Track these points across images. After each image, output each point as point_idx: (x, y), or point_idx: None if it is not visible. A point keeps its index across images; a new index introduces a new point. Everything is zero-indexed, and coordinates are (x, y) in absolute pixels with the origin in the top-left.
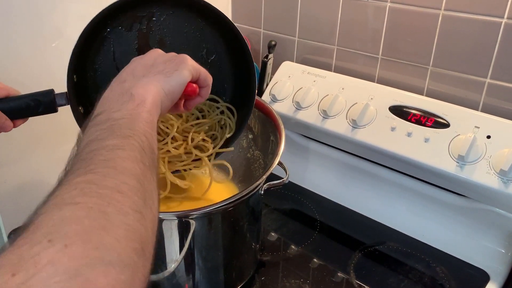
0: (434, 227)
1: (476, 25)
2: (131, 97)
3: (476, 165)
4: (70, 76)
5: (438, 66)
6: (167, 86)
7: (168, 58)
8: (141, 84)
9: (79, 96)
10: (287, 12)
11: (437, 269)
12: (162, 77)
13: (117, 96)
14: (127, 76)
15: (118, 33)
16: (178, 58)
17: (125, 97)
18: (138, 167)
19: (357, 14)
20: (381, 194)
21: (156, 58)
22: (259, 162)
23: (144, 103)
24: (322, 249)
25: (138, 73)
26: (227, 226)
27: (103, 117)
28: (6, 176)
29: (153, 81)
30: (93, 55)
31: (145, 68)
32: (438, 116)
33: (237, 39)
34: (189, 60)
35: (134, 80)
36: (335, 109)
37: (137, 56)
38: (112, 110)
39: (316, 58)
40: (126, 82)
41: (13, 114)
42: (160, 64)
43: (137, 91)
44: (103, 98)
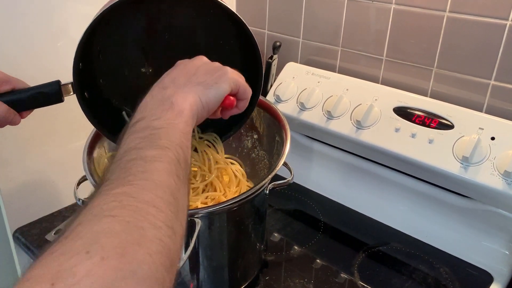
0: (437, 228)
1: (481, 27)
2: (171, 105)
3: (480, 166)
4: (76, 65)
5: (443, 67)
6: (205, 97)
7: (211, 68)
8: (181, 93)
9: (84, 82)
10: (292, 13)
11: (440, 270)
12: (202, 88)
13: (158, 103)
14: (169, 83)
15: (124, 18)
16: (221, 70)
17: (166, 105)
18: (173, 180)
19: (362, 15)
20: (385, 195)
21: (199, 67)
22: (264, 162)
23: (183, 113)
24: (326, 249)
25: (179, 81)
26: (232, 225)
27: (143, 124)
28: (12, 175)
29: (192, 91)
30: (100, 40)
31: (186, 76)
32: (442, 117)
33: (246, 36)
34: (230, 73)
35: (175, 88)
36: (340, 110)
37: (183, 60)
38: (152, 118)
39: (321, 59)
40: (167, 89)
41: (20, 106)
42: (201, 75)
43: (177, 100)
44: (144, 103)
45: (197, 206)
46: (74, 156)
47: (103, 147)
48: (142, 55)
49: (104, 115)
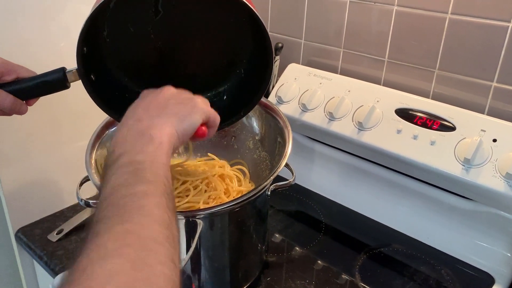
0: (439, 229)
1: (483, 29)
2: (151, 138)
3: (482, 168)
4: (80, 49)
5: (444, 69)
6: (180, 129)
7: (181, 100)
8: (158, 125)
9: (90, 66)
10: (294, 15)
11: (442, 271)
12: (176, 120)
13: (137, 136)
14: (142, 115)
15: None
16: (191, 101)
17: (145, 138)
18: (166, 214)
19: (364, 17)
20: (386, 196)
21: (169, 99)
22: (265, 163)
23: (163, 145)
24: (327, 251)
25: (152, 113)
26: (234, 226)
27: (126, 159)
28: (14, 174)
29: (168, 123)
30: (104, 26)
31: (158, 108)
32: (444, 119)
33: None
34: (200, 104)
35: (150, 120)
36: (341, 111)
37: (149, 91)
38: (134, 152)
39: (322, 60)
40: (142, 121)
41: (26, 95)
42: (173, 106)
43: (155, 132)
44: (122, 137)
45: (199, 207)
46: (76, 156)
47: (105, 147)
48: (150, 34)
49: (112, 98)
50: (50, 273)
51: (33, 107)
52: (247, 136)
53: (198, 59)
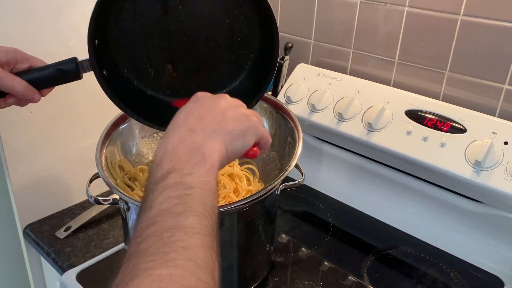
0: (448, 232)
1: (495, 30)
2: (203, 158)
3: (493, 171)
4: (90, 42)
5: (455, 71)
6: (231, 149)
7: (238, 116)
8: (211, 142)
9: (102, 59)
10: (304, 15)
11: (450, 274)
12: (230, 139)
13: (188, 152)
14: (196, 125)
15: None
16: (248, 120)
17: (197, 156)
18: (211, 256)
19: (374, 17)
20: (395, 198)
21: (226, 111)
22: (275, 163)
23: (213, 168)
24: (334, 252)
25: (208, 127)
26: (242, 226)
27: (175, 179)
28: (23, 171)
29: (220, 140)
30: (114, 17)
31: (214, 121)
32: (454, 121)
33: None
34: (255, 123)
35: (204, 134)
36: (351, 112)
37: (203, 94)
38: (183, 171)
39: (332, 60)
40: (196, 133)
41: (39, 84)
42: (230, 122)
43: (207, 151)
44: (173, 148)
45: None
46: (85, 154)
47: (116, 145)
48: (158, 32)
49: (124, 93)
50: (58, 270)
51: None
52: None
53: (206, 56)
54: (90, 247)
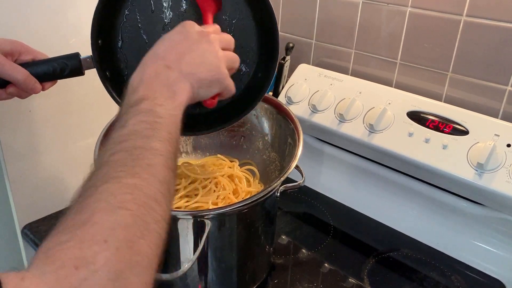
0: (449, 235)
1: (498, 31)
2: (174, 95)
3: (495, 173)
4: (94, 40)
5: (458, 72)
6: (196, 94)
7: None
8: (183, 82)
9: (106, 60)
10: (305, 15)
11: (452, 277)
12: (198, 85)
13: (161, 86)
14: (173, 63)
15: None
16: (219, 73)
17: (169, 92)
18: (169, 175)
19: (376, 18)
20: (396, 200)
21: (204, 55)
22: (275, 164)
23: (181, 105)
24: (335, 254)
25: (184, 68)
26: (242, 227)
27: (147, 106)
28: (22, 171)
29: (191, 85)
30: (118, 20)
31: (191, 64)
32: (457, 123)
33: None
34: (225, 78)
35: (179, 74)
36: (352, 113)
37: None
38: (155, 101)
39: (333, 61)
40: (171, 70)
41: (41, 77)
42: (204, 69)
43: (178, 89)
44: (149, 78)
45: (208, 207)
46: (84, 153)
47: None
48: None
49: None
50: None
51: (42, 103)
52: (257, 136)
53: None
54: None
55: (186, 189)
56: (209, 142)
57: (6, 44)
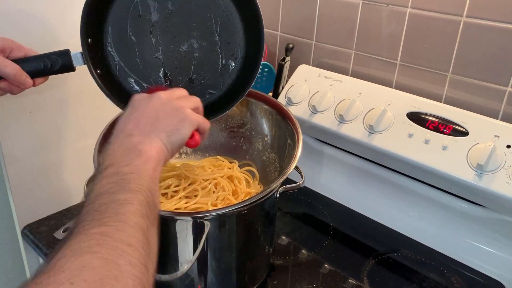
0: (449, 236)
1: (498, 32)
2: (139, 153)
3: (495, 174)
4: (83, 39)
5: (458, 73)
6: (169, 144)
7: (170, 111)
8: (148, 141)
9: (97, 57)
10: (305, 15)
11: (452, 279)
12: (165, 135)
13: (126, 151)
14: (133, 130)
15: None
16: (180, 114)
17: (134, 152)
18: (144, 222)
19: (376, 18)
20: (396, 201)
21: (159, 110)
22: (274, 165)
23: (150, 160)
24: (335, 255)
25: (143, 129)
26: (241, 228)
27: (113, 170)
28: (21, 172)
29: (157, 138)
30: (105, 21)
31: (148, 123)
32: (456, 123)
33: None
34: (189, 115)
35: (140, 136)
36: (352, 114)
37: (139, 97)
38: (121, 164)
39: (333, 62)
40: (133, 136)
41: (32, 72)
42: (163, 120)
43: (144, 147)
44: (113, 151)
45: (207, 208)
46: (83, 154)
47: None
48: (151, 38)
49: (117, 89)
50: None
51: (41, 104)
52: (256, 137)
53: (196, 63)
54: None
55: (185, 190)
56: (208, 143)
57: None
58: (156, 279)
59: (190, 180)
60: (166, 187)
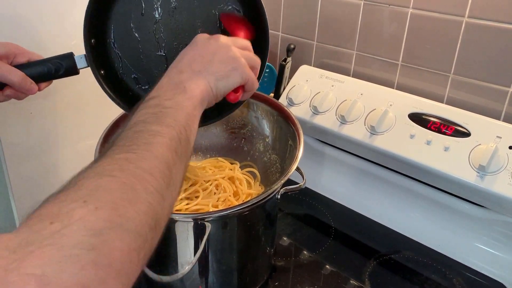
0: (451, 237)
1: (500, 33)
2: (184, 90)
3: (497, 175)
4: (87, 40)
5: (460, 74)
6: (215, 87)
7: (227, 58)
8: (195, 79)
9: (100, 58)
10: (307, 16)
11: (453, 280)
12: (214, 78)
13: (172, 86)
14: (185, 67)
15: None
16: (235, 62)
17: (179, 88)
18: (171, 155)
19: (378, 19)
20: (397, 202)
21: (215, 53)
22: (276, 166)
23: (193, 98)
24: (336, 256)
25: (195, 67)
26: (242, 229)
27: (155, 102)
28: (23, 172)
29: (205, 79)
30: (109, 19)
31: (202, 62)
32: (458, 124)
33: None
34: (243, 66)
35: (190, 74)
36: (353, 115)
37: (202, 36)
38: (164, 97)
39: (335, 62)
40: (183, 73)
41: (37, 78)
42: (217, 63)
43: (190, 85)
44: (160, 84)
45: (208, 210)
46: (84, 155)
47: None
48: (154, 35)
49: (121, 90)
50: None
51: (43, 105)
52: (257, 138)
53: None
54: None
55: (186, 191)
56: (209, 144)
57: (1, 47)
58: (157, 280)
59: (191, 181)
60: None
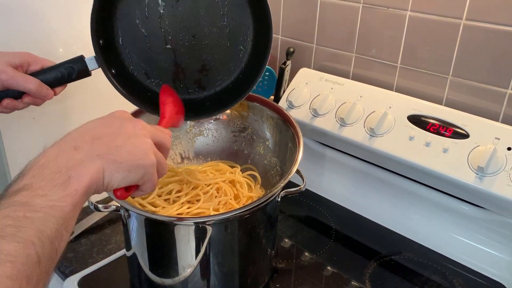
0: (451, 238)
1: (498, 35)
2: (68, 181)
3: (496, 177)
4: (95, 41)
5: (458, 75)
6: (110, 178)
7: (138, 150)
8: (88, 163)
9: (109, 58)
10: (306, 19)
11: (454, 281)
12: (113, 168)
13: (55, 172)
14: (83, 144)
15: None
16: (144, 159)
17: (62, 178)
18: (19, 286)
19: (377, 21)
20: (397, 203)
21: (127, 140)
22: (276, 169)
23: (75, 194)
24: (337, 257)
25: (96, 149)
26: (243, 232)
27: (24, 198)
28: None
29: (100, 167)
30: (115, 18)
31: (108, 146)
32: (457, 126)
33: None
34: (149, 168)
35: (86, 155)
36: (353, 117)
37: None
38: (38, 192)
39: (334, 65)
40: (77, 151)
41: (52, 83)
42: (124, 152)
43: (78, 173)
44: (41, 166)
45: (209, 213)
46: None
47: None
48: (160, 29)
49: (133, 87)
50: (60, 276)
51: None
52: (257, 141)
53: (208, 54)
54: (92, 253)
55: (187, 195)
56: (210, 148)
57: (15, 57)
58: (159, 283)
59: (192, 185)
60: (168, 192)
